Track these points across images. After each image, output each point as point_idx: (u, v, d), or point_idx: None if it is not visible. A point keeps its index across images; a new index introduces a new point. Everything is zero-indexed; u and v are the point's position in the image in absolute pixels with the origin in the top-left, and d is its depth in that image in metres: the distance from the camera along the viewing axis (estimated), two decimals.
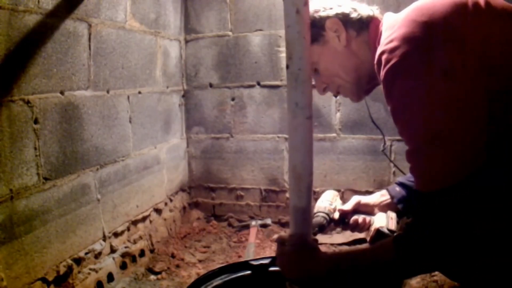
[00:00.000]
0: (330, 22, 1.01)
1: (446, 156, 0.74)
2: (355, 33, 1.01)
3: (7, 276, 1.27)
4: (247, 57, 2.53)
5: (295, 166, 0.91)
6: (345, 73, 1.04)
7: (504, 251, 0.72)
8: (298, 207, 0.94)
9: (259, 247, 2.21)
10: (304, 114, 0.87)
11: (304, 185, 0.91)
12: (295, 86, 0.86)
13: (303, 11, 0.82)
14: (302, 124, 0.87)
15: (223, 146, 2.65)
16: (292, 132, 0.89)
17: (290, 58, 0.85)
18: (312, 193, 0.95)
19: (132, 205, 2.03)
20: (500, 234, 0.72)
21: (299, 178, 0.91)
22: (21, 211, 1.35)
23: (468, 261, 0.74)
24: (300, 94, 0.86)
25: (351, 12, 1.01)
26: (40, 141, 1.44)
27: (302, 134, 0.88)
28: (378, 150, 2.35)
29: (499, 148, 0.73)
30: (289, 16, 0.83)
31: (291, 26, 0.83)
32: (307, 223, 0.96)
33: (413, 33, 0.76)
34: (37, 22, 1.40)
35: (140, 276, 1.91)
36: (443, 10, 0.76)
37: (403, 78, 0.77)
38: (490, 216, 0.72)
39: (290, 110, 0.88)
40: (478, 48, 0.73)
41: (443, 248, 0.74)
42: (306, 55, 0.84)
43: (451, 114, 0.74)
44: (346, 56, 1.02)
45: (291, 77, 0.86)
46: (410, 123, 0.79)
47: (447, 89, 0.74)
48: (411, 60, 0.76)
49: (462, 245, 0.73)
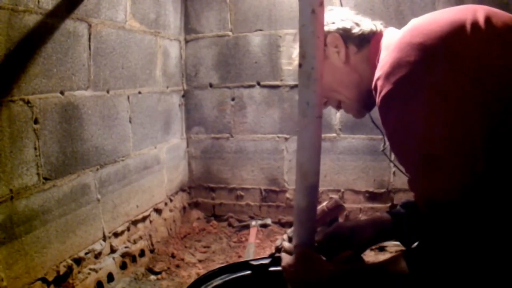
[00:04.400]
0: (331, 37, 1.00)
1: (445, 180, 0.73)
2: (355, 48, 1.00)
3: (7, 276, 1.27)
4: (247, 57, 2.53)
5: (302, 164, 0.90)
6: (345, 89, 1.03)
7: None
8: (302, 206, 0.94)
9: (259, 247, 2.21)
10: (314, 113, 0.86)
11: (310, 184, 0.91)
12: (307, 85, 0.86)
13: (318, 11, 0.82)
14: (311, 123, 0.87)
15: (223, 146, 2.65)
16: (301, 130, 0.89)
17: (303, 57, 0.85)
18: (318, 192, 0.95)
19: (132, 205, 2.03)
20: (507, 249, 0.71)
21: (305, 177, 0.91)
22: (21, 211, 1.35)
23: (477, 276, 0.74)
24: (312, 93, 0.86)
25: (352, 27, 1.00)
26: (40, 141, 1.44)
27: (311, 133, 0.88)
28: (378, 150, 2.35)
29: (503, 166, 0.73)
30: (304, 15, 0.83)
31: (306, 26, 0.83)
32: (311, 222, 0.96)
33: (407, 57, 0.74)
34: (37, 22, 1.40)
35: (140, 276, 1.91)
36: (439, 30, 0.74)
37: (397, 105, 0.76)
38: (494, 231, 0.71)
39: (301, 109, 0.87)
40: (478, 69, 0.71)
41: (456, 262, 0.73)
42: (319, 55, 0.84)
43: (447, 138, 0.72)
44: (346, 72, 1.01)
45: (303, 75, 0.86)
46: (408, 150, 0.78)
47: (443, 112, 0.72)
48: (405, 87, 0.74)
49: (472, 260, 0.72)
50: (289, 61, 1.17)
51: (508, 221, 0.71)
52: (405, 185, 0.82)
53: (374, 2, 2.33)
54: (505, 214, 0.71)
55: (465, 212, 0.72)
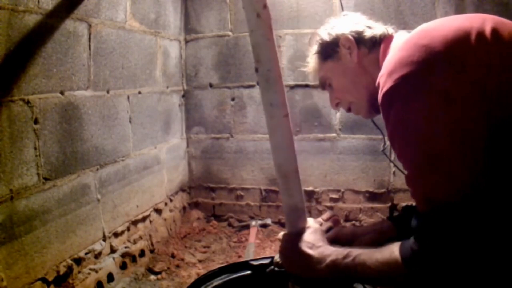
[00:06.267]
0: (344, 39, 1.04)
1: (445, 179, 0.73)
2: (367, 50, 1.03)
3: (7, 276, 1.27)
4: (247, 57, 2.53)
5: (280, 165, 0.91)
6: (356, 90, 1.06)
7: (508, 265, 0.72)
8: (290, 205, 0.94)
9: (259, 247, 2.21)
10: (281, 113, 0.88)
11: (292, 183, 0.92)
12: (267, 87, 0.87)
13: (264, 14, 0.84)
14: (280, 123, 0.88)
15: (223, 146, 2.65)
16: (272, 132, 0.90)
17: (258, 61, 0.87)
18: (302, 190, 0.95)
19: (132, 205, 2.03)
20: (504, 252, 0.72)
21: (286, 177, 0.92)
22: (21, 211, 1.35)
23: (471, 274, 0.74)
24: (273, 93, 0.87)
25: (364, 30, 1.04)
26: (40, 141, 1.44)
27: (282, 133, 0.89)
28: (378, 150, 2.36)
29: (502, 173, 0.73)
30: (251, 20, 0.85)
31: (255, 30, 0.85)
32: (302, 220, 0.96)
33: (411, 57, 0.75)
34: (37, 22, 1.40)
35: (140, 276, 1.91)
36: (444, 34, 0.76)
37: (399, 103, 0.77)
38: (492, 233, 0.71)
39: (267, 111, 0.89)
40: (480, 75, 0.72)
41: (451, 264, 0.73)
42: (273, 56, 0.86)
43: (448, 138, 0.73)
44: (357, 73, 1.04)
45: (262, 79, 0.87)
46: (408, 147, 0.79)
47: (443, 112, 0.73)
48: (407, 84, 0.76)
49: (469, 262, 0.72)
50: (304, 63, 1.20)
51: (507, 222, 0.71)
52: (405, 185, 0.82)
53: (374, 2, 2.33)
54: (504, 215, 0.71)
55: (463, 212, 0.72)
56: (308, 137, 2.48)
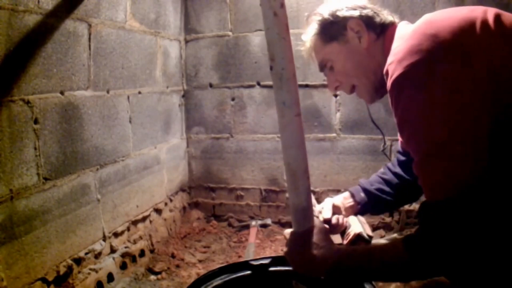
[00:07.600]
0: (353, 23, 1.03)
1: (451, 167, 0.74)
2: (375, 36, 1.03)
3: (7, 276, 1.27)
4: (247, 57, 2.53)
5: (289, 164, 0.91)
6: (363, 74, 1.05)
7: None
8: (297, 204, 0.94)
9: (259, 247, 2.21)
10: (292, 112, 0.88)
11: (300, 183, 0.92)
12: (281, 86, 0.87)
13: (280, 13, 0.84)
14: (291, 122, 0.89)
15: (223, 146, 2.65)
16: (282, 130, 0.90)
17: (272, 59, 0.87)
18: (310, 190, 0.95)
19: (132, 205, 2.03)
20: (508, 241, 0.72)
21: (295, 176, 0.92)
22: (21, 211, 1.35)
23: (474, 266, 0.75)
24: (286, 93, 0.87)
25: (374, 16, 1.04)
26: (40, 141, 1.44)
27: (293, 132, 0.89)
28: (378, 150, 2.36)
29: (507, 160, 0.74)
30: (268, 18, 0.85)
31: (271, 28, 0.85)
32: (308, 220, 0.96)
33: (420, 45, 0.77)
34: (37, 22, 1.40)
35: (140, 276, 1.91)
36: (451, 24, 0.78)
37: (408, 89, 0.78)
38: (497, 223, 0.72)
39: (279, 110, 0.89)
40: (485, 64, 0.74)
41: (455, 251, 0.74)
42: (288, 55, 0.86)
43: (455, 126, 0.74)
44: (366, 58, 1.04)
45: (275, 77, 0.87)
46: (416, 134, 0.80)
47: (451, 100, 0.74)
48: (417, 72, 0.77)
49: (472, 250, 0.73)
50: (299, 43, 1.19)
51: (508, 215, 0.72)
52: None
53: (374, 2, 2.32)
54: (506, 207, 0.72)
55: (468, 199, 0.73)
56: (308, 137, 2.48)
